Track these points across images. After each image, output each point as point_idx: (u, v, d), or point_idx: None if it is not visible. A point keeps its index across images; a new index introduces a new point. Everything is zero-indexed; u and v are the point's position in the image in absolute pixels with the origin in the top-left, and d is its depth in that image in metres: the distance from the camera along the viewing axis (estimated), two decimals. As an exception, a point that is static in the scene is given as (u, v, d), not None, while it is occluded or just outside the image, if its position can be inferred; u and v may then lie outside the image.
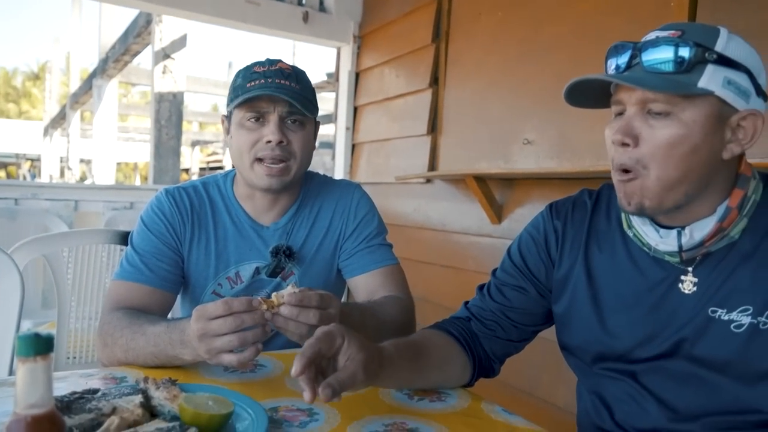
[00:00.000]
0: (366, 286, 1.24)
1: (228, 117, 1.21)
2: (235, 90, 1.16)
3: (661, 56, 0.77)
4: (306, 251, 1.26)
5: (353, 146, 3.44)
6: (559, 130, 2.08)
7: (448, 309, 1.28)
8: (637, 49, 0.79)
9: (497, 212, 2.32)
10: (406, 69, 2.98)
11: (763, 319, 0.78)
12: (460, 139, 2.60)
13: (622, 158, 0.80)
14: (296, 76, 1.16)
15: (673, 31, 0.78)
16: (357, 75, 3.43)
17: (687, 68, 0.76)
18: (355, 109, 3.43)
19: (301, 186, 1.29)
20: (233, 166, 1.26)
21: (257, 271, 1.23)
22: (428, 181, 2.77)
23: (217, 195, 1.25)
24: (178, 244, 1.20)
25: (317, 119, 1.25)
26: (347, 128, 3.42)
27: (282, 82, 1.13)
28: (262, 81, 1.13)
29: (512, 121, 2.30)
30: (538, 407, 2.12)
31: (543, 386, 2.13)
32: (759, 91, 0.79)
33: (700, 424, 0.84)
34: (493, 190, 2.33)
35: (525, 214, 2.21)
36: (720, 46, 0.76)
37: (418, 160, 2.83)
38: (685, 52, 0.75)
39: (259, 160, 1.15)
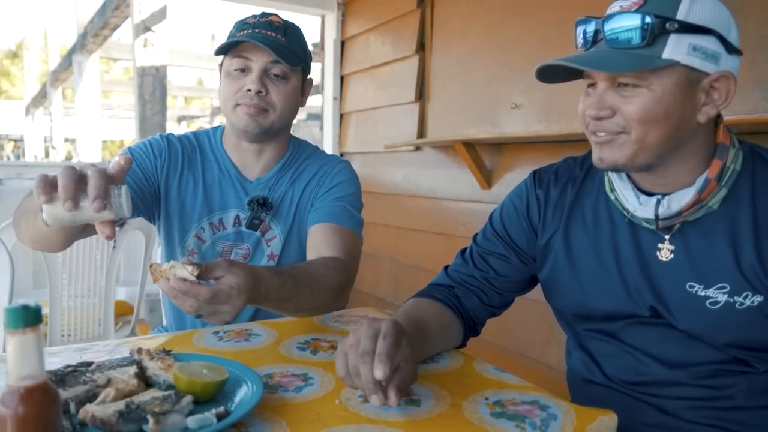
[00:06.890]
0: (314, 237, 1.19)
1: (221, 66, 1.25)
2: (227, 38, 1.19)
3: (622, 29, 0.76)
4: (283, 208, 1.27)
5: (341, 116, 3.41)
6: (546, 93, 2.06)
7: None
8: (600, 24, 0.79)
9: (487, 177, 2.32)
10: (391, 35, 2.94)
11: (740, 299, 0.79)
12: (448, 105, 2.58)
13: (602, 128, 0.81)
14: (285, 29, 1.19)
15: (635, 0, 0.77)
16: (342, 43, 3.37)
17: (649, 41, 0.75)
18: (342, 79, 3.38)
19: (289, 144, 1.31)
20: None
21: (238, 220, 1.25)
22: (417, 148, 2.75)
23: (206, 144, 1.30)
24: (156, 175, 1.22)
25: (310, 77, 1.29)
26: (334, 98, 3.38)
27: (268, 33, 1.16)
28: (250, 31, 1.16)
29: (500, 86, 2.28)
30: (529, 367, 2.17)
31: (535, 347, 2.16)
32: (731, 49, 0.78)
33: (686, 373, 0.86)
34: (482, 156, 2.32)
35: (514, 178, 2.22)
36: (682, 14, 0.74)
37: (407, 127, 2.81)
38: (645, 26, 0.74)
39: (240, 105, 1.19)
